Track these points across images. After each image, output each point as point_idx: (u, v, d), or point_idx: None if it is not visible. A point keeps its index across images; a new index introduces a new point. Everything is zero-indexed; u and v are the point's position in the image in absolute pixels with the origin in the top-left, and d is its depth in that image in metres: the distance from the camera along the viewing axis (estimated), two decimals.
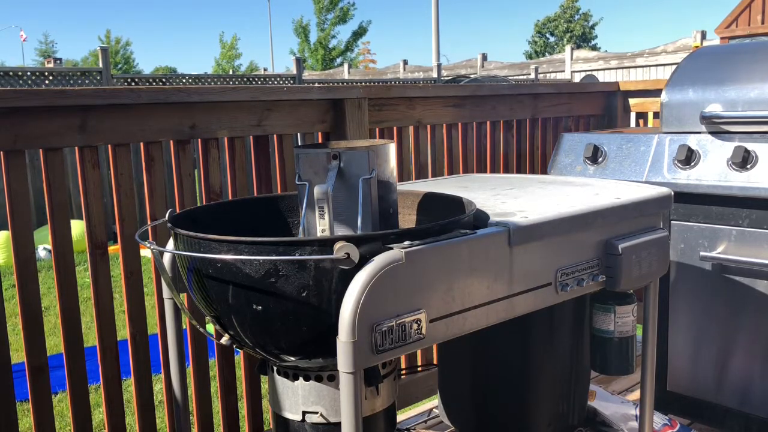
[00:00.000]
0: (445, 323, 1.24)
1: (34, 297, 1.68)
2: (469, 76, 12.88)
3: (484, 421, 1.89)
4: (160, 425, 2.12)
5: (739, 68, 2.12)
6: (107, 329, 1.81)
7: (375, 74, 18.22)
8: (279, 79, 11.78)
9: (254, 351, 1.33)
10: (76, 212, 7.00)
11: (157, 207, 1.86)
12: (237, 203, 1.66)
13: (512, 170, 2.81)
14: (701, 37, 12.56)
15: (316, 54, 28.47)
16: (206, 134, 1.91)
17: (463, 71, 15.48)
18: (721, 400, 2.12)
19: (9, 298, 4.56)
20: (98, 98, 1.71)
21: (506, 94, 2.75)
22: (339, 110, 2.15)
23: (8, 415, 1.66)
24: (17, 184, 1.64)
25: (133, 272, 1.86)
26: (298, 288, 1.17)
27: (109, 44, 32.18)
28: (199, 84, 10.07)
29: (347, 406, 1.13)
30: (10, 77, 8.41)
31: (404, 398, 2.40)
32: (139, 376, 1.88)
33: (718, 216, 2.04)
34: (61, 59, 11.54)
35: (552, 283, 1.43)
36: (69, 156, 6.22)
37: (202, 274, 1.25)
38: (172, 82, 10.60)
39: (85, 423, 1.79)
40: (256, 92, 1.98)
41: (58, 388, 3.11)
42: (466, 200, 1.44)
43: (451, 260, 1.24)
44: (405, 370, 2.43)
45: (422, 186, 1.82)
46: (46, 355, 1.72)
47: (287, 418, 1.41)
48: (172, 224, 1.32)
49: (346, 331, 1.10)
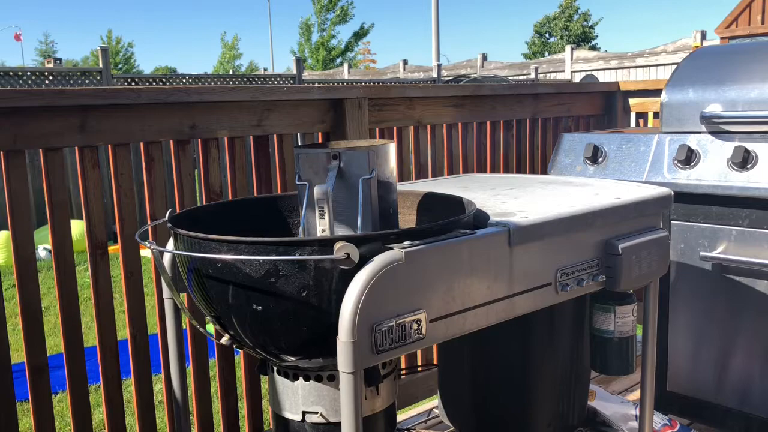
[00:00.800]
0: (445, 323, 1.24)
1: (34, 297, 1.68)
2: (469, 76, 12.88)
3: (484, 421, 1.89)
4: (160, 425, 2.12)
5: (739, 68, 2.12)
6: (107, 329, 1.81)
7: (375, 74, 18.22)
8: (279, 79, 11.78)
9: (254, 351, 1.33)
10: (76, 212, 7.00)
11: (157, 207, 1.86)
12: (237, 203, 1.66)
13: (512, 170, 2.81)
14: (701, 37, 12.56)
15: (317, 54, 28.47)
16: (206, 134, 1.91)
17: (463, 71, 15.48)
18: (721, 400, 2.12)
19: (9, 298, 4.56)
20: (98, 98, 1.71)
21: (506, 94, 2.75)
22: (339, 110, 2.15)
23: (8, 415, 1.66)
24: (17, 184, 1.64)
25: (133, 272, 1.86)
26: (298, 288, 1.17)
27: (110, 44, 32.19)
28: (199, 84, 10.07)
29: (347, 406, 1.13)
30: (10, 77, 8.41)
31: (404, 398, 2.40)
32: (139, 376, 1.88)
33: (718, 216, 2.04)
34: (61, 59, 11.54)
35: (552, 283, 1.43)
36: (69, 156, 6.21)
37: (202, 274, 1.25)
38: (172, 82, 10.60)
39: (85, 423, 1.79)
40: (256, 92, 1.98)
41: (58, 388, 3.11)
42: (466, 200, 1.44)
43: (451, 260, 1.24)
44: (405, 370, 2.43)
45: (422, 186, 1.82)
46: (46, 355, 1.72)
47: (287, 418, 1.41)
48: (172, 224, 1.32)
49: (346, 331, 1.10)
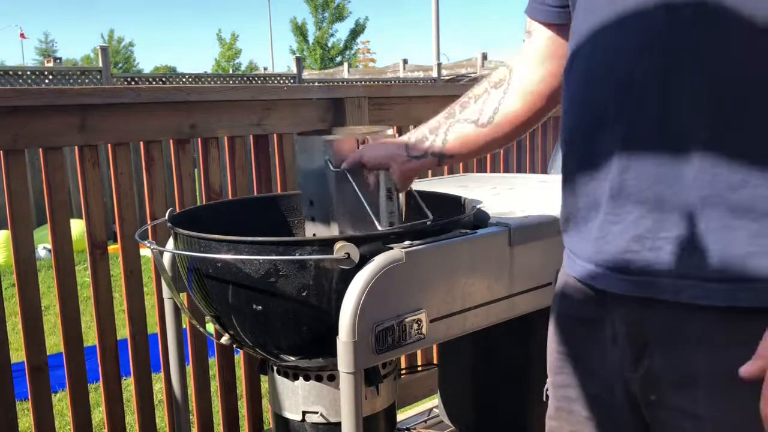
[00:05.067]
0: (445, 323, 1.24)
1: (34, 297, 1.67)
2: (469, 76, 12.87)
3: (484, 421, 1.89)
4: (160, 425, 2.12)
5: None
6: (107, 329, 1.81)
7: (375, 73, 18.21)
8: (279, 78, 11.78)
9: (254, 351, 1.33)
10: (76, 212, 6.99)
11: (157, 207, 1.86)
12: (237, 203, 1.66)
13: (512, 170, 2.81)
14: None
15: (314, 53, 28.47)
16: (206, 133, 1.91)
17: (463, 70, 15.47)
18: None
19: (9, 297, 4.55)
20: (98, 97, 1.71)
21: None
22: (339, 109, 2.15)
23: (8, 414, 1.66)
24: (17, 183, 1.63)
25: (133, 272, 1.85)
26: (298, 288, 1.16)
27: (111, 44, 32.15)
28: (199, 83, 10.08)
29: (347, 406, 1.13)
30: (10, 76, 8.41)
31: (404, 398, 2.39)
32: (139, 376, 1.88)
33: None
34: (61, 58, 11.54)
35: (553, 282, 1.43)
36: (69, 155, 6.21)
37: (202, 274, 1.25)
38: (171, 81, 10.61)
39: (85, 422, 1.79)
40: (256, 91, 1.98)
41: (57, 387, 3.10)
42: (467, 200, 1.43)
43: (451, 260, 1.24)
44: (405, 370, 2.43)
45: (422, 186, 1.82)
46: (45, 355, 1.72)
47: (287, 418, 1.41)
48: (172, 224, 1.32)
49: (346, 331, 1.10)
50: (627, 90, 0.82)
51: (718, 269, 0.77)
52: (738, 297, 0.77)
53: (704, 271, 0.78)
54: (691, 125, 0.77)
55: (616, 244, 0.85)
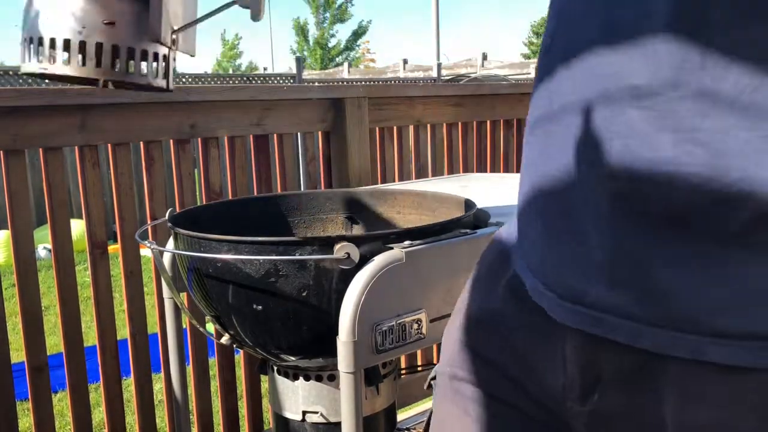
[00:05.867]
0: (445, 323, 1.24)
1: (34, 297, 1.67)
2: (469, 76, 12.88)
3: None
4: (160, 425, 2.12)
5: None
6: (107, 329, 1.81)
7: (375, 73, 18.20)
8: (279, 78, 11.78)
9: (254, 351, 1.33)
10: (76, 212, 6.99)
11: (157, 206, 1.86)
12: (237, 203, 1.66)
13: (513, 170, 2.81)
14: None
15: (314, 53, 28.45)
16: (206, 133, 1.91)
17: (463, 70, 15.47)
18: None
19: (9, 297, 4.55)
20: (98, 97, 1.71)
21: (507, 93, 2.75)
22: (339, 109, 2.15)
23: (8, 414, 1.66)
24: (17, 183, 1.64)
25: (133, 272, 1.85)
26: (299, 288, 1.16)
27: None
28: (199, 83, 10.07)
29: (347, 406, 1.13)
30: (10, 76, 8.40)
31: (404, 398, 2.39)
32: (139, 376, 1.88)
33: None
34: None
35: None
36: (69, 155, 6.21)
37: (202, 274, 1.25)
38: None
39: (85, 422, 1.79)
40: (256, 91, 1.98)
41: (58, 387, 3.10)
42: (467, 200, 1.43)
43: (451, 260, 1.24)
44: (405, 370, 2.43)
45: (422, 186, 1.82)
46: (46, 355, 1.72)
47: (287, 418, 1.41)
48: (172, 224, 1.32)
49: (346, 331, 1.10)
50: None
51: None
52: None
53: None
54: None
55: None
